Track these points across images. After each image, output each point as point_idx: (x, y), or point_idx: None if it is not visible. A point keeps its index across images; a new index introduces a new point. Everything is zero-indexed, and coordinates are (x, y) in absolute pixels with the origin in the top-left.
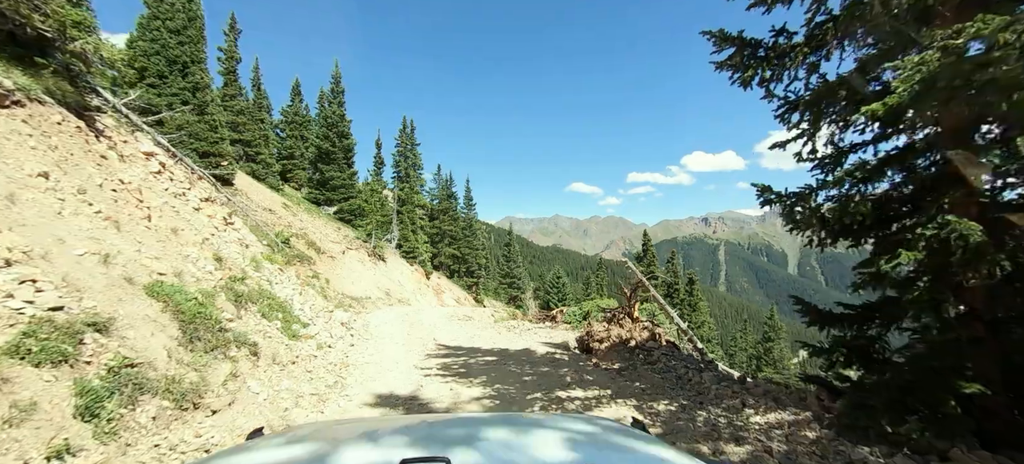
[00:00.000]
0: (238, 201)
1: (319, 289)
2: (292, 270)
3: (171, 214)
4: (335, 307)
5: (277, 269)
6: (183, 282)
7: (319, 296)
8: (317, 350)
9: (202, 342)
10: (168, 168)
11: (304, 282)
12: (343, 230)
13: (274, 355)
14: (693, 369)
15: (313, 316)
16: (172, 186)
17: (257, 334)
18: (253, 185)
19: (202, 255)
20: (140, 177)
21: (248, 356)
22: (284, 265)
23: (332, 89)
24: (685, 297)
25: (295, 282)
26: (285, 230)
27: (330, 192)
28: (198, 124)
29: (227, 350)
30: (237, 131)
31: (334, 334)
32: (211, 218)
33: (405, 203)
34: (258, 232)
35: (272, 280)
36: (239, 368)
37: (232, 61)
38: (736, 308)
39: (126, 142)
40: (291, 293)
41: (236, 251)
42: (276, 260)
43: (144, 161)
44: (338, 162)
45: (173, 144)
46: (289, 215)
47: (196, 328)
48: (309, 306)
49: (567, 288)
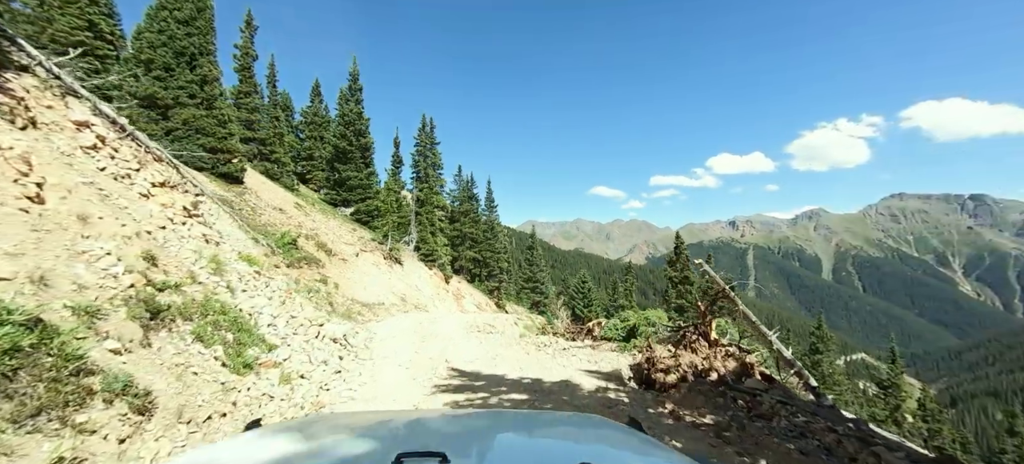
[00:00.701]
0: (247, 199)
1: (324, 295)
2: (281, 274)
3: (89, 197)
4: (331, 317)
5: (253, 273)
6: (45, 290)
7: (309, 305)
8: (278, 386)
9: (14, 401)
10: (109, 143)
11: (304, 287)
12: (359, 231)
13: (182, 408)
14: (847, 435)
15: (290, 333)
16: (112, 165)
17: (167, 372)
18: (266, 184)
19: (122, 252)
20: (59, 149)
21: (126, 415)
22: (270, 267)
23: (350, 86)
24: (724, 305)
25: (279, 288)
26: (293, 231)
27: (347, 193)
28: (205, 119)
29: (78, 410)
30: (251, 129)
31: (315, 357)
32: (166, 207)
33: (424, 204)
34: (256, 230)
35: (240, 286)
36: (88, 446)
37: (247, 57)
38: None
39: (50, 107)
40: (264, 303)
41: (192, 249)
42: (257, 262)
43: (73, 132)
44: (355, 162)
45: (178, 139)
46: (301, 215)
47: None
48: (289, 319)
49: (593, 293)
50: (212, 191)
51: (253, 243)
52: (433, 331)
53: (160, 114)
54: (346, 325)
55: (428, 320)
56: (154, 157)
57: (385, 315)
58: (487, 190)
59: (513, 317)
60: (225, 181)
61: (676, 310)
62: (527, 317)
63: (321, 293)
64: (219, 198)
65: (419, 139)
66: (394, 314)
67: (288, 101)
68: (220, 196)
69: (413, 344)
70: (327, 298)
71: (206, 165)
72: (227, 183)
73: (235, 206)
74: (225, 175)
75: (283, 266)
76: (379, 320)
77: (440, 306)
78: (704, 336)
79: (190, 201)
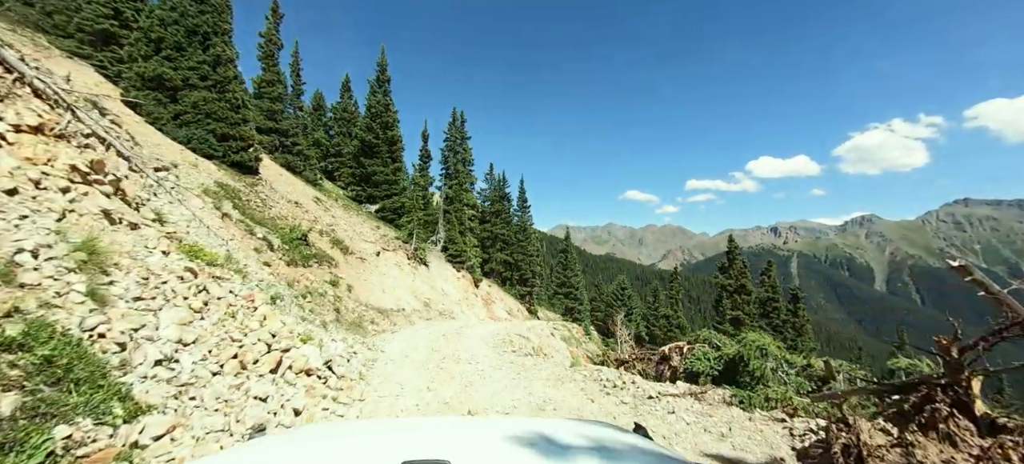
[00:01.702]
0: (259, 191)
1: (330, 300)
2: (269, 274)
3: None
4: (330, 329)
5: (183, 272)
6: None
7: (288, 316)
8: None
9: None
10: None
11: (302, 290)
12: (383, 229)
13: None
14: None
15: (205, 373)
16: None
17: None
18: (284, 177)
19: None
20: None
21: None
22: (254, 266)
23: (377, 77)
24: (788, 318)
25: (227, 296)
26: (306, 225)
27: (372, 189)
28: (216, 102)
29: None
30: (273, 119)
31: (247, 415)
32: (35, 163)
33: (453, 201)
34: (262, 224)
35: (132, 293)
36: None
37: (271, 45)
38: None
39: None
40: (170, 321)
41: (50, 226)
42: (208, 257)
43: None
44: (382, 156)
45: (186, 123)
46: (319, 210)
47: None
48: (216, 346)
49: (633, 300)
50: (209, 179)
51: (248, 236)
52: (456, 351)
53: (168, 96)
54: (342, 342)
55: (453, 331)
56: (36, 91)
57: (403, 324)
58: (520, 189)
59: (548, 325)
60: (237, 170)
61: (731, 323)
62: (564, 326)
63: (326, 297)
64: (218, 184)
65: (449, 133)
66: (415, 322)
67: (321, 100)
68: (219, 182)
69: (427, 373)
70: (334, 303)
71: (216, 152)
72: (239, 173)
73: (242, 196)
74: (238, 165)
75: (281, 264)
76: (395, 330)
77: (468, 312)
78: (962, 408)
79: (89, 160)
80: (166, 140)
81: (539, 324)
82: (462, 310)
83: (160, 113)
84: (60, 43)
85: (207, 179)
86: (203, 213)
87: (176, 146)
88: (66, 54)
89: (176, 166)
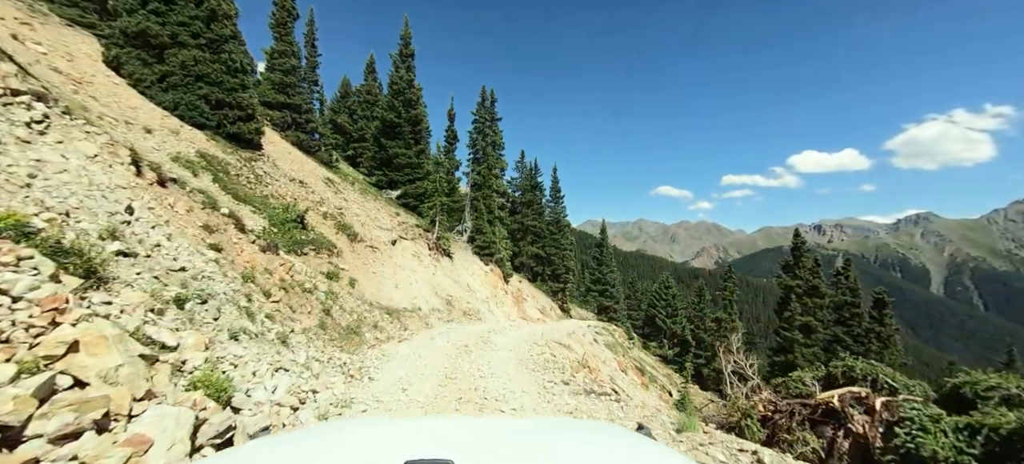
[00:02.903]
0: (256, 166)
1: (319, 299)
2: (50, 265)
3: None
4: (297, 347)
5: None
6: None
7: (61, 360)
8: None
9: None
10: None
11: (265, 286)
12: (402, 216)
13: None
14: None
15: None
16: None
17: None
18: (292, 154)
19: None
20: None
21: None
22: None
23: (400, 52)
24: (872, 326)
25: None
26: (304, 205)
27: (394, 173)
28: (210, 63)
29: None
30: (285, 93)
31: None
32: None
33: (481, 188)
34: (247, 201)
35: None
36: None
37: (284, 13)
38: None
39: None
40: None
41: None
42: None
43: None
44: (404, 137)
45: (174, 87)
46: (329, 192)
47: None
48: None
49: (677, 299)
50: (190, 148)
51: (206, 211)
52: (479, 378)
53: (154, 55)
54: (302, 371)
55: (477, 339)
56: None
57: (417, 327)
58: (552, 178)
59: (588, 327)
60: (233, 143)
61: (801, 331)
62: (606, 330)
63: (314, 295)
64: (200, 154)
65: (477, 114)
66: (432, 325)
67: (347, 86)
68: (203, 152)
69: None
70: (323, 303)
71: (209, 121)
72: (236, 146)
73: (231, 171)
74: (235, 137)
75: (251, 250)
76: (404, 337)
77: (496, 311)
78: None
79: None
80: (146, 104)
81: (578, 327)
82: (490, 309)
83: (144, 74)
84: (62, 11)
85: (187, 148)
86: (95, 166)
87: (158, 112)
88: (67, 22)
89: (129, 124)
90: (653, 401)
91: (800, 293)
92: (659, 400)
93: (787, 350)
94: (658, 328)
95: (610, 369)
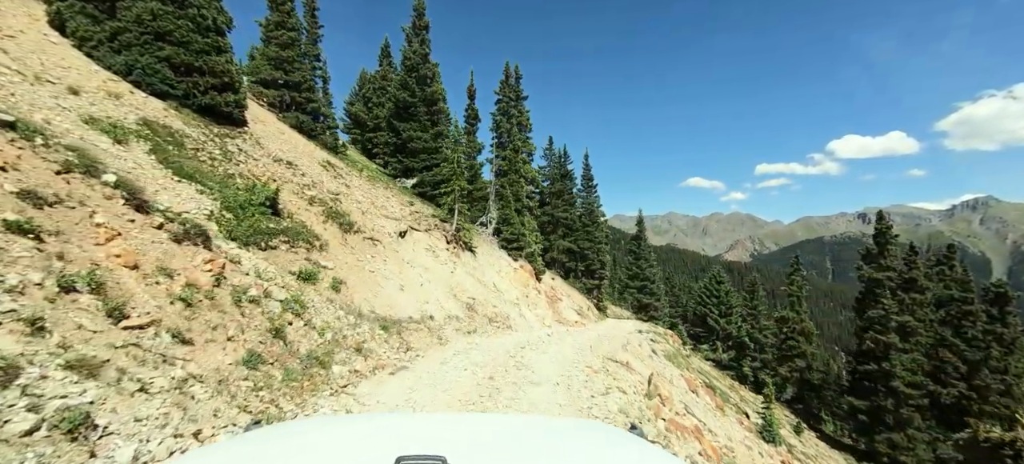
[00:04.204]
0: (231, 143)
1: (274, 315)
2: None
3: None
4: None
5: None
6: None
7: None
8: None
9: None
10: None
11: None
12: (417, 205)
13: None
14: None
15: None
16: None
17: None
18: (285, 135)
19: None
20: None
21: None
22: None
23: (413, 24)
24: (993, 327)
25: None
26: (275, 186)
27: (409, 159)
28: (172, 18)
29: None
30: (283, 70)
31: None
32: None
33: (507, 174)
34: (197, 177)
35: None
36: None
37: None
38: None
39: None
40: None
41: None
42: None
43: None
44: (419, 118)
45: (127, 46)
46: (325, 176)
47: None
48: None
49: (732, 297)
50: (132, 114)
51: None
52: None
53: (104, 9)
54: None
55: (505, 362)
56: None
57: (426, 346)
58: (584, 166)
59: (641, 334)
60: (206, 117)
61: (897, 333)
62: (660, 337)
63: (260, 307)
64: (144, 121)
65: (501, 93)
66: (447, 339)
67: (365, 78)
68: (148, 119)
69: None
70: (277, 320)
71: (174, 89)
72: (207, 120)
73: (187, 145)
74: (208, 110)
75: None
76: (402, 364)
77: (529, 315)
78: None
79: None
80: (90, 66)
81: (628, 332)
82: (520, 313)
83: (91, 32)
84: None
85: (128, 114)
86: None
87: (103, 75)
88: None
89: (48, 83)
90: (738, 433)
91: (893, 286)
92: (739, 426)
93: (878, 356)
94: (710, 329)
95: (680, 391)
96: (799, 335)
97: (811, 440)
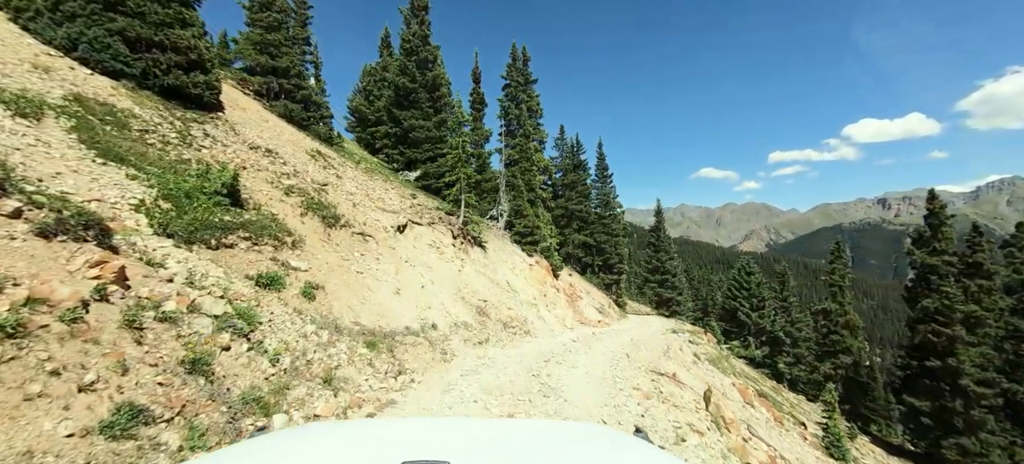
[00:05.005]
0: (197, 128)
1: (196, 342)
2: None
3: None
4: None
5: None
6: None
7: None
8: None
9: None
10: None
11: None
12: (420, 198)
13: None
14: None
15: None
16: None
17: None
18: (268, 122)
19: None
20: None
21: None
22: None
23: (412, 5)
24: None
25: None
26: (234, 168)
27: (411, 150)
28: None
29: None
30: (268, 54)
31: None
32: None
33: (517, 163)
34: (116, 159)
35: None
36: None
37: None
38: None
39: None
40: None
41: None
42: None
43: None
44: (421, 105)
45: (72, 17)
46: (311, 165)
47: None
48: None
49: (763, 289)
50: (60, 88)
51: None
52: None
53: None
54: None
55: (527, 384)
56: None
57: (425, 364)
58: (598, 155)
59: (677, 335)
60: (170, 99)
61: (963, 325)
62: (695, 336)
63: (177, 329)
64: (74, 97)
65: (508, 77)
66: (453, 353)
67: (367, 71)
68: (79, 95)
69: None
70: (198, 348)
71: (128, 67)
72: (172, 103)
73: (132, 126)
74: (172, 91)
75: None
76: (393, 397)
77: (548, 315)
78: None
79: None
80: (23, 40)
81: (662, 333)
82: (539, 314)
83: (28, 3)
84: None
85: (53, 88)
86: None
87: (36, 49)
88: None
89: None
90: (805, 454)
91: (955, 274)
92: (804, 442)
93: (940, 351)
94: (740, 323)
95: (735, 404)
96: (843, 329)
97: (866, 446)
